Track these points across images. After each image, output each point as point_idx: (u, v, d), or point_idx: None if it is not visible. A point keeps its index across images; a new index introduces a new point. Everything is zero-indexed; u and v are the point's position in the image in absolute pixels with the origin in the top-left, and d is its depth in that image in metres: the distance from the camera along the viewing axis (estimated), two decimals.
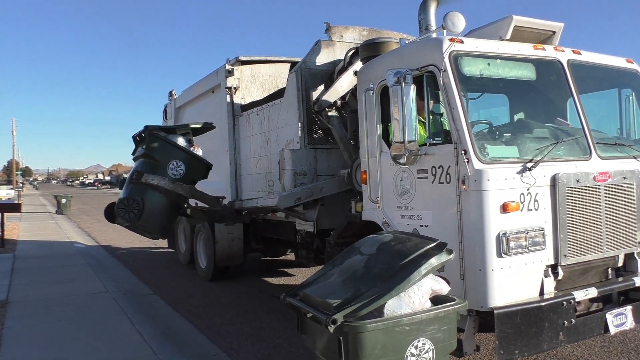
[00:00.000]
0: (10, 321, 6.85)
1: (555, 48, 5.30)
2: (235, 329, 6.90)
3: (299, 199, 6.52)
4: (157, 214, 6.35)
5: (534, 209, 4.52)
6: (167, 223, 6.64)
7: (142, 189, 6.17)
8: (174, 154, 6.39)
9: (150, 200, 6.21)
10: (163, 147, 6.39)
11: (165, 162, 6.28)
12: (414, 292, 3.62)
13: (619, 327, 4.79)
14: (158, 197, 6.26)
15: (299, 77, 6.94)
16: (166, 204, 6.39)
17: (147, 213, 6.18)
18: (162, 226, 6.55)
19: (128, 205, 6.07)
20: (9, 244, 14.68)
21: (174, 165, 6.23)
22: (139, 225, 6.31)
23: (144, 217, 6.18)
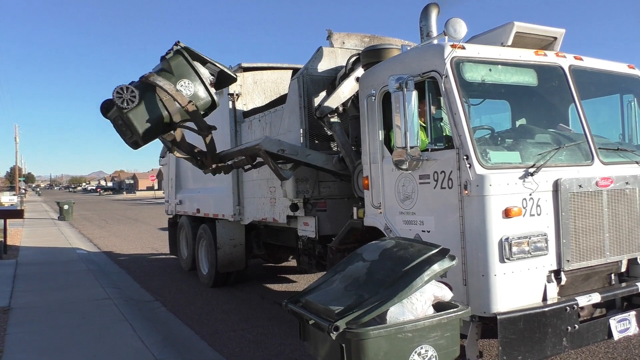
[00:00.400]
0: (12, 327, 6.85)
1: (556, 54, 5.31)
2: (237, 335, 6.88)
3: (282, 150, 6.47)
4: (150, 112, 5.92)
5: (537, 214, 4.52)
6: (151, 132, 6.06)
7: (145, 87, 5.87)
8: (190, 75, 6.09)
9: (149, 101, 5.88)
10: (183, 65, 6.07)
11: (178, 77, 5.97)
12: (417, 299, 3.61)
13: (623, 332, 4.77)
14: (156, 102, 5.90)
15: (300, 84, 6.96)
16: (160, 111, 5.97)
17: (140, 109, 5.81)
18: (146, 131, 5.97)
19: (127, 92, 5.82)
20: (11, 250, 14.70)
21: (184, 84, 6.00)
22: (127, 117, 5.82)
23: (135, 112, 5.78)
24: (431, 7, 5.81)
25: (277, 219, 7.79)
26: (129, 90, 5.68)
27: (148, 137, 6.00)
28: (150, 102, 5.87)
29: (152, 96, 5.86)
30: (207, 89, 6.16)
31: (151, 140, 6.15)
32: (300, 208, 7.09)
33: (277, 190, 7.56)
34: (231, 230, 9.40)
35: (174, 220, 12.50)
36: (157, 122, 5.93)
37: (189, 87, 6.04)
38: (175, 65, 6.02)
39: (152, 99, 5.87)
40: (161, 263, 13.58)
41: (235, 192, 8.92)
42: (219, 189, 9.48)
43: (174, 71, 6.01)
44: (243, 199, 8.90)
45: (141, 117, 5.83)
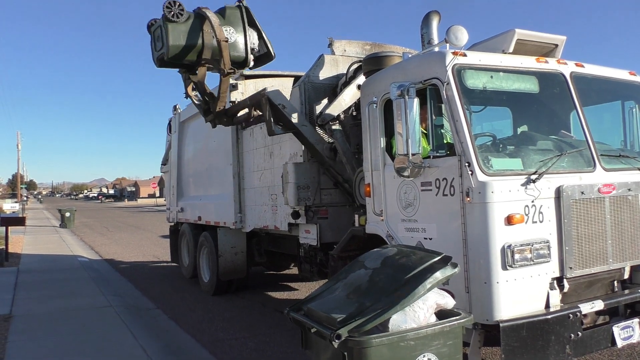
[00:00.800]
0: (13, 335, 6.83)
1: (558, 61, 5.32)
2: (238, 343, 6.86)
3: (283, 105, 6.54)
4: (187, 36, 6.09)
5: (539, 221, 4.50)
6: (180, 53, 6.15)
7: (195, 14, 6.12)
8: (238, 28, 6.28)
9: (192, 26, 6.07)
10: (237, 18, 6.32)
11: (226, 24, 6.20)
12: (419, 307, 3.59)
13: (627, 340, 4.74)
14: (197, 31, 6.08)
15: (302, 91, 6.98)
16: (197, 40, 6.11)
17: (181, 27, 6.03)
18: (176, 49, 6.10)
19: (176, 7, 5.93)
20: (13, 258, 14.69)
21: (229, 30, 6.18)
22: (166, 26, 5.99)
23: (175, 26, 6.00)
24: (432, 14, 5.83)
25: (278, 226, 7.79)
26: (178, 6, 5.93)
27: (174, 57, 6.14)
28: (193, 28, 6.07)
29: (196, 24, 6.06)
30: (247, 47, 6.33)
31: (175, 61, 6.27)
32: (301, 215, 7.08)
33: (279, 197, 7.56)
34: (232, 237, 9.39)
35: (175, 228, 12.50)
36: (189, 46, 6.08)
37: (232, 35, 6.23)
38: (229, 14, 6.27)
39: (196, 27, 6.06)
40: (162, 270, 13.56)
41: (236, 199, 8.92)
42: (220, 196, 9.48)
43: (226, 18, 6.25)
44: (244, 207, 8.90)
45: (178, 34, 6.02)
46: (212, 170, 10.08)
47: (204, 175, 10.65)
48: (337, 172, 6.70)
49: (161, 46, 6.07)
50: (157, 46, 6.18)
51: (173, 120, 12.06)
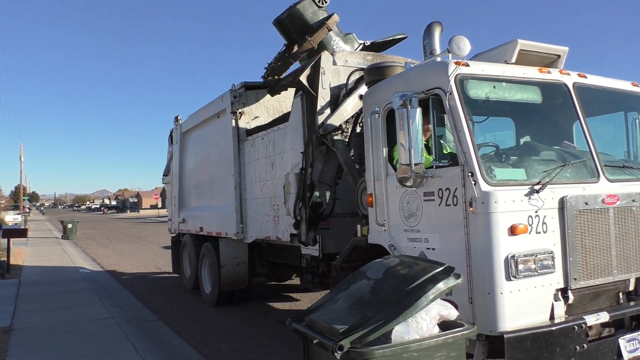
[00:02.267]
0: (13, 349, 6.78)
1: (560, 71, 5.31)
2: (240, 354, 6.81)
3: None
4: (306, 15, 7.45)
5: (543, 231, 4.47)
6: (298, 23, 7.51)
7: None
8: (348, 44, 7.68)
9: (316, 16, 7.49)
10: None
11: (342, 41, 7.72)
12: (422, 318, 3.56)
13: (633, 352, 4.69)
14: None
15: (304, 102, 6.98)
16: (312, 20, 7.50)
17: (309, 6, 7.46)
18: (297, 19, 7.44)
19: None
20: (15, 270, 14.64)
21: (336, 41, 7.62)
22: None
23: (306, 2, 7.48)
24: (434, 25, 5.84)
25: (280, 237, 7.76)
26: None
27: (291, 21, 7.51)
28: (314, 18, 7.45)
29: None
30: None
31: (290, 27, 7.62)
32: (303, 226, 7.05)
33: (281, 208, 7.54)
34: (234, 248, 9.36)
35: (177, 239, 12.48)
36: (303, 23, 7.44)
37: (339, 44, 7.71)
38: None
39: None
40: (164, 282, 13.51)
41: (238, 210, 8.91)
42: (222, 207, 9.47)
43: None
44: (246, 217, 8.88)
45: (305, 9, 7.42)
46: (214, 181, 10.09)
47: (205, 186, 10.65)
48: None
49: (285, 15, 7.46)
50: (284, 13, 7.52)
51: (174, 131, 12.09)
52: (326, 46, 7.39)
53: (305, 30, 7.37)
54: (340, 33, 7.53)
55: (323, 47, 7.28)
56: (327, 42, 7.43)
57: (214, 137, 9.88)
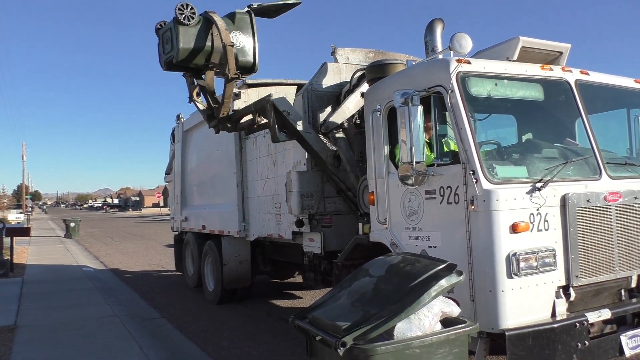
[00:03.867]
0: (18, 346, 6.81)
1: (562, 68, 5.31)
2: (243, 352, 6.83)
3: (287, 112, 6.51)
4: (197, 39, 6.08)
5: (544, 229, 4.48)
6: (189, 56, 6.18)
7: (204, 18, 6.11)
8: (247, 32, 6.27)
9: (201, 29, 6.07)
10: (246, 22, 6.30)
11: (235, 28, 6.19)
12: (424, 315, 3.57)
13: (635, 349, 4.69)
14: (206, 34, 6.09)
15: (305, 100, 6.99)
16: (206, 42, 6.13)
17: (191, 30, 6.03)
18: (185, 51, 6.10)
19: (188, 9, 5.94)
20: (18, 268, 14.69)
21: (237, 35, 6.18)
22: (177, 29, 6.00)
23: (186, 29, 6.02)
24: (436, 22, 5.83)
25: (282, 235, 7.78)
26: (190, 9, 5.92)
27: (183, 60, 6.14)
28: (202, 31, 6.06)
29: (205, 28, 6.07)
30: (255, 51, 6.34)
31: (183, 64, 6.24)
32: (305, 224, 7.07)
33: (283, 206, 7.55)
34: (237, 246, 9.38)
35: (179, 237, 12.51)
36: (198, 49, 6.08)
37: (240, 40, 6.25)
38: (239, 19, 6.27)
39: (205, 30, 6.07)
40: (167, 280, 13.54)
41: (240, 208, 8.92)
42: (224, 205, 9.48)
43: (236, 23, 6.24)
44: (248, 215, 8.90)
45: (188, 37, 6.00)
46: (216, 179, 10.10)
47: (207, 184, 10.67)
48: (340, 180, 6.69)
49: (170, 49, 6.09)
50: (165, 49, 6.20)
51: (176, 129, 12.11)
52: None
53: (202, 53, 6.18)
54: (230, 23, 6.24)
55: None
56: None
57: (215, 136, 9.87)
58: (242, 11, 6.33)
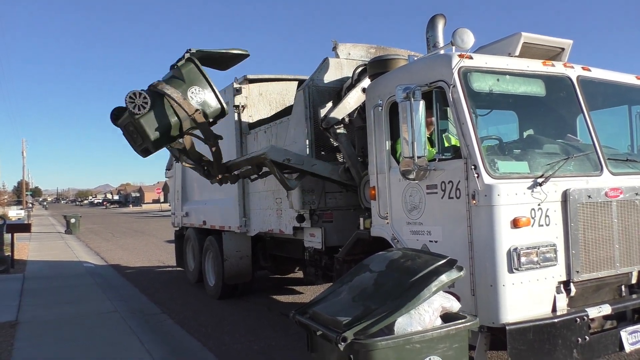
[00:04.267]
0: (19, 342, 6.83)
1: (564, 64, 5.30)
2: (244, 347, 6.84)
3: (288, 159, 6.46)
4: (161, 119, 5.92)
5: (545, 224, 4.48)
6: (162, 138, 6.08)
7: (154, 94, 5.88)
8: (200, 82, 6.09)
9: (160, 108, 5.89)
10: (194, 72, 6.11)
11: (189, 84, 6.00)
12: (425, 310, 3.58)
13: (634, 345, 4.71)
14: (167, 109, 5.92)
15: (306, 95, 6.98)
16: (170, 118, 5.96)
17: (152, 115, 5.83)
18: (157, 137, 5.96)
19: (139, 98, 5.78)
20: (19, 265, 14.72)
21: (194, 90, 6.00)
22: (139, 122, 5.81)
23: (147, 117, 5.81)
24: (438, 17, 5.82)
25: (283, 230, 7.78)
26: (141, 96, 5.70)
27: (159, 144, 6.03)
28: (161, 108, 5.87)
29: (162, 103, 5.88)
30: (217, 96, 6.21)
31: (162, 147, 6.16)
32: (306, 219, 7.08)
33: (283, 201, 7.55)
34: (238, 242, 9.39)
35: (180, 233, 12.51)
36: (167, 128, 5.92)
37: (199, 94, 6.08)
38: (187, 72, 6.06)
39: (163, 105, 5.88)
40: (168, 275, 13.56)
41: (241, 203, 8.93)
42: (225, 201, 9.49)
43: (185, 78, 6.03)
44: (249, 211, 8.90)
45: (152, 123, 5.82)
46: None
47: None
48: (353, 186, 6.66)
49: (141, 141, 5.94)
50: (136, 141, 6.02)
51: None
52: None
53: (173, 128, 6.03)
54: (181, 82, 6.00)
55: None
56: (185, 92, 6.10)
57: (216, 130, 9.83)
58: (184, 62, 6.11)
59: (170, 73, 6.17)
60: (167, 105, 5.89)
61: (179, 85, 5.97)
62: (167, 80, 6.04)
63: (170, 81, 6.01)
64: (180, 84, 6.01)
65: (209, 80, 6.14)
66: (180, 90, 5.96)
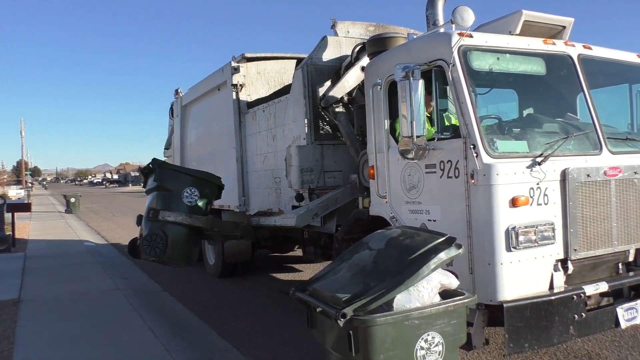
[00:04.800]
0: (22, 320, 6.91)
1: (565, 43, 5.26)
2: (245, 324, 6.93)
3: (316, 214, 6.58)
4: (182, 243, 6.54)
5: (544, 203, 4.50)
6: (193, 250, 6.76)
7: (161, 224, 6.35)
8: (186, 180, 6.52)
9: (172, 232, 6.41)
10: (175, 176, 6.56)
11: (179, 191, 6.41)
12: (423, 287, 3.62)
13: (630, 321, 4.77)
14: (179, 228, 6.42)
15: (305, 74, 6.94)
16: (188, 232, 6.56)
17: (171, 245, 6.39)
18: (188, 254, 6.66)
19: (152, 241, 6.27)
20: (20, 244, 14.80)
21: (187, 193, 6.43)
22: (166, 258, 6.47)
23: (169, 250, 6.39)
24: None
25: (282, 209, 7.81)
26: (155, 238, 6.30)
27: (194, 253, 6.76)
28: (174, 232, 6.45)
29: (172, 226, 6.43)
30: (205, 177, 6.96)
31: (197, 251, 6.95)
32: (305, 198, 7.10)
33: (283, 181, 7.57)
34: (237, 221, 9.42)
35: None
36: (190, 239, 6.60)
37: (193, 193, 6.64)
38: (167, 180, 6.63)
39: (174, 228, 6.44)
40: None
41: (240, 183, 8.94)
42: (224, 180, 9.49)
43: (171, 187, 6.63)
44: (248, 190, 8.92)
45: (177, 248, 6.46)
46: (215, 154, 10.09)
47: (207, 159, 10.65)
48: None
49: (178, 263, 6.82)
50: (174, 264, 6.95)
51: (175, 104, 12.04)
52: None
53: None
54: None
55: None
56: None
57: (214, 110, 9.85)
58: (155, 170, 6.74)
59: (152, 183, 6.65)
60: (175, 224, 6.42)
61: (170, 200, 6.50)
62: (156, 198, 6.60)
63: (158, 201, 6.53)
64: (169, 196, 6.54)
65: (194, 174, 6.76)
66: (175, 203, 6.49)
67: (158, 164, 6.65)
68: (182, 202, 6.43)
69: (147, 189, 6.78)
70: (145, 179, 6.93)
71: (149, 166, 6.76)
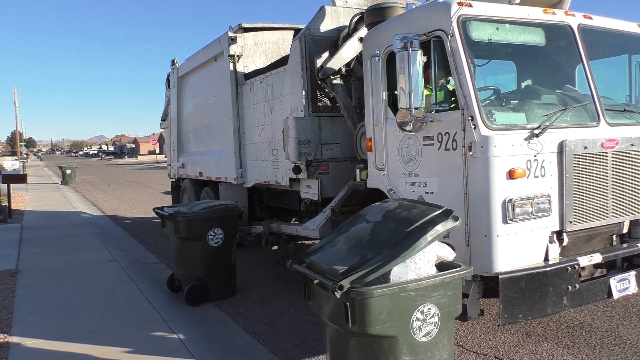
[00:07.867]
0: (20, 290, 6.96)
1: (565, 12, 5.19)
2: (242, 295, 6.99)
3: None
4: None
5: (541, 175, 4.51)
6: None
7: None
8: (207, 224, 6.81)
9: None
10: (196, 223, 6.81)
11: (204, 235, 6.77)
12: (420, 259, 3.63)
13: (622, 292, 4.84)
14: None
15: (302, 45, 6.84)
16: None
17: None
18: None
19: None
20: (16, 215, 14.81)
21: (212, 235, 6.81)
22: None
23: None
24: None
25: (279, 181, 7.80)
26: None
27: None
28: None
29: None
30: (225, 213, 7.15)
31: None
32: (302, 170, 7.08)
33: (280, 152, 7.54)
34: (234, 193, 9.42)
35: (176, 184, 12.52)
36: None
37: (218, 233, 6.94)
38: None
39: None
40: None
41: (237, 155, 8.90)
42: (221, 152, 9.46)
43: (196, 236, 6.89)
44: (245, 162, 8.89)
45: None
46: (212, 126, 10.03)
47: (204, 130, 10.60)
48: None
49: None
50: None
51: (171, 75, 11.90)
52: None
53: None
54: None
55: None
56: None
57: (211, 81, 9.74)
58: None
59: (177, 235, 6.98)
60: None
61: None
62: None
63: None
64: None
65: (211, 214, 7.01)
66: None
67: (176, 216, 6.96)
68: (209, 245, 6.89)
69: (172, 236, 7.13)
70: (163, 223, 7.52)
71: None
